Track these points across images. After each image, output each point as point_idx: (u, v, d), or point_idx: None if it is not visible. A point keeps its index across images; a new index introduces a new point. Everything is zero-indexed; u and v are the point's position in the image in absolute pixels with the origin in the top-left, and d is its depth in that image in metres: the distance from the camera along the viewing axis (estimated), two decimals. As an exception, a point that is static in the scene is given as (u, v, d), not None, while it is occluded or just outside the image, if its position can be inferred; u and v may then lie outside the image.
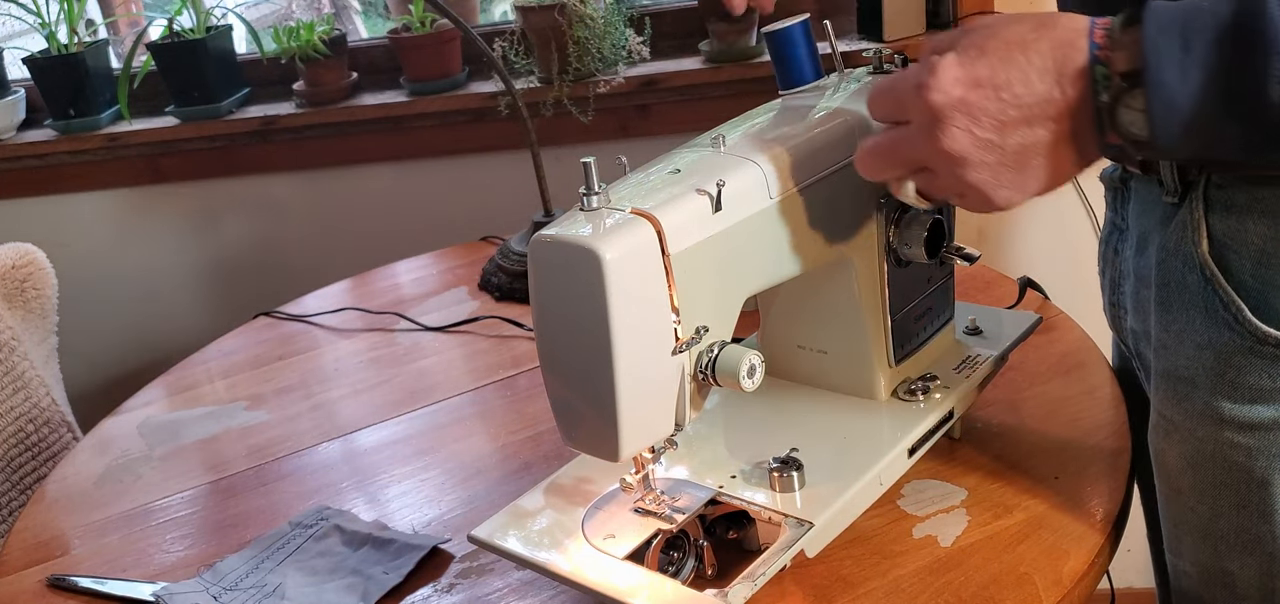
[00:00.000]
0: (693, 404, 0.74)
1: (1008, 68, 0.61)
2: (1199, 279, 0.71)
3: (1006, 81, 0.61)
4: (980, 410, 0.94)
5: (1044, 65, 0.61)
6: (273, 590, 0.86)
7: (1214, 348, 0.70)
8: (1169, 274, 0.73)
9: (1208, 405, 0.71)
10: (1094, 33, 0.61)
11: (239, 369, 1.29)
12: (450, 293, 1.41)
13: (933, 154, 0.64)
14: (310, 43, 1.72)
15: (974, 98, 0.62)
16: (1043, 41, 0.61)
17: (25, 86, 1.91)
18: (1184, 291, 0.72)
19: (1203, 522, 0.75)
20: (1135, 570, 1.86)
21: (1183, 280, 0.72)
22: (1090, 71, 0.61)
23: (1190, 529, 0.76)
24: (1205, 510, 0.74)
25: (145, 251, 1.93)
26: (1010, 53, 0.61)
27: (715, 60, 1.66)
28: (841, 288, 0.85)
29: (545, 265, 0.70)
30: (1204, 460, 0.73)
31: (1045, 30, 0.62)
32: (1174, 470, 0.76)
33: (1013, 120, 0.62)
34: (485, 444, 1.05)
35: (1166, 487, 0.78)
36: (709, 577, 0.77)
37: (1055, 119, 0.62)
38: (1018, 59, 0.61)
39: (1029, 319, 0.96)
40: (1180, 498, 0.76)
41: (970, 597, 0.75)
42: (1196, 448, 0.73)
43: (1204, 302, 0.70)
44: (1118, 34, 0.60)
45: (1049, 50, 0.61)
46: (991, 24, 0.63)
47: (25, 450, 1.36)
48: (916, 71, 0.64)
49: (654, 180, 0.74)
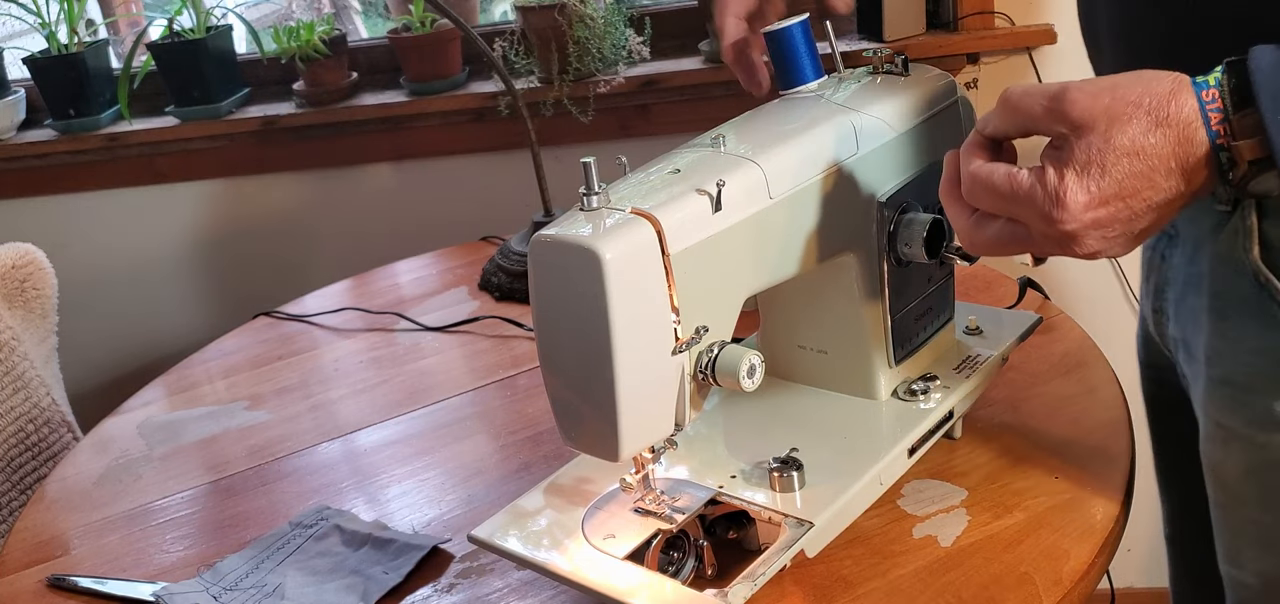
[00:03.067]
0: (693, 404, 0.74)
1: (1135, 179, 0.61)
2: (1253, 285, 0.70)
3: (1135, 191, 0.61)
4: (980, 410, 0.94)
5: (1167, 167, 0.61)
6: (273, 590, 0.86)
7: (1272, 353, 0.70)
8: (1222, 282, 0.73)
9: (1268, 411, 0.71)
10: (1209, 116, 0.60)
11: (239, 369, 1.29)
12: (450, 293, 1.41)
13: (1066, 254, 0.65)
14: (310, 43, 1.72)
15: (1105, 215, 0.62)
16: (1162, 144, 0.61)
17: (25, 86, 1.91)
18: (1238, 299, 0.72)
19: (1266, 531, 0.75)
20: (1135, 570, 1.87)
21: (1236, 287, 0.72)
22: (1214, 157, 0.61)
23: (1252, 539, 0.76)
24: (1269, 519, 0.74)
25: (145, 251, 1.93)
26: (1132, 164, 0.61)
27: (715, 60, 1.66)
28: (841, 288, 0.85)
29: (545, 265, 0.70)
30: (1266, 468, 0.73)
31: (1158, 128, 0.61)
32: (1233, 479, 0.76)
33: (1142, 214, 0.63)
34: (485, 444, 1.05)
35: (1225, 496, 0.77)
36: (709, 577, 0.77)
37: (1182, 198, 0.63)
38: (1140, 168, 0.61)
39: (1029, 319, 0.96)
40: (1241, 507, 0.76)
41: (970, 597, 0.75)
42: (1258, 455, 0.73)
43: (1259, 308, 0.70)
44: (1233, 118, 0.60)
45: (1171, 151, 0.61)
46: (1100, 127, 0.61)
47: (25, 450, 1.36)
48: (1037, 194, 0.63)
49: (654, 180, 0.74)
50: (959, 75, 1.62)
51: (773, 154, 0.76)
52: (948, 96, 0.88)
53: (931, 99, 0.86)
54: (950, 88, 0.88)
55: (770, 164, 0.76)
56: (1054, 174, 0.62)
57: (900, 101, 0.84)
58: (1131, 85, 0.61)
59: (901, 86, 0.86)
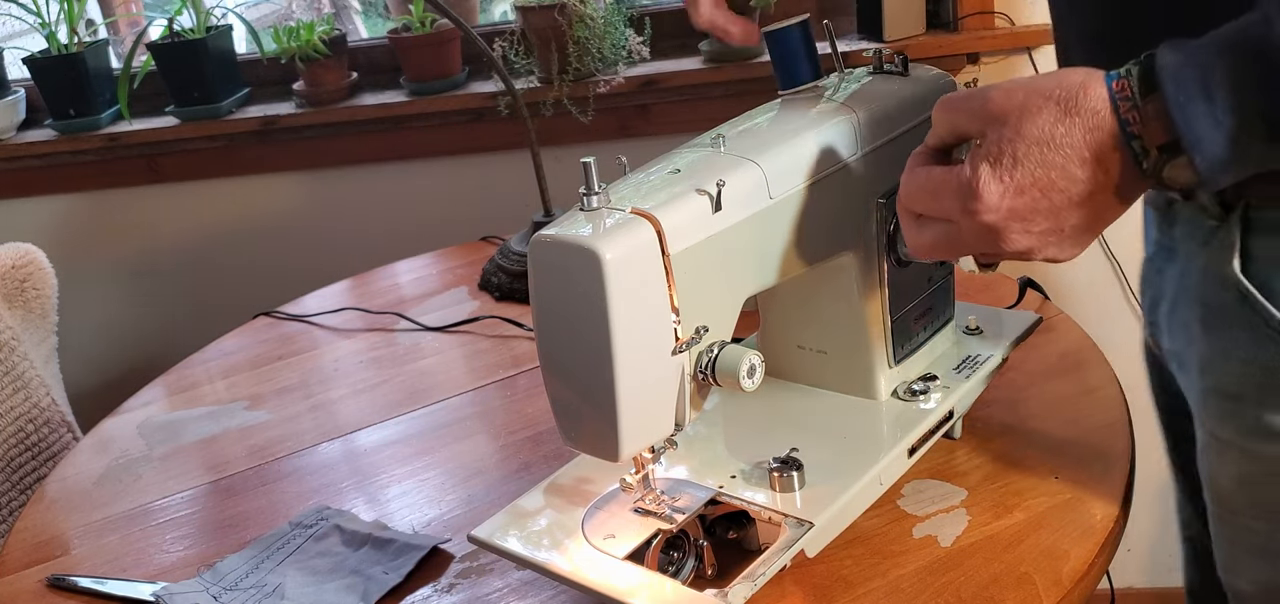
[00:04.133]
0: (693, 404, 0.74)
1: (1047, 169, 0.62)
2: (1237, 298, 0.71)
3: (1049, 182, 0.62)
4: (980, 410, 0.94)
5: (1081, 156, 0.62)
6: (273, 590, 0.86)
7: (1260, 363, 0.70)
8: (1210, 294, 0.73)
9: (1258, 421, 0.71)
10: (1118, 105, 0.61)
11: (239, 369, 1.29)
12: (450, 293, 1.41)
13: (997, 251, 0.66)
14: (310, 43, 1.72)
15: (1022, 205, 0.63)
16: (1072, 132, 0.62)
17: (25, 86, 1.91)
18: (1226, 310, 0.72)
19: (1261, 540, 0.75)
20: (1135, 570, 1.87)
21: (1223, 299, 0.72)
22: (1126, 146, 0.61)
23: (1248, 548, 0.76)
24: (1263, 528, 0.74)
25: (145, 251, 1.93)
26: (1043, 154, 0.62)
27: (715, 60, 1.66)
28: (841, 288, 0.85)
29: (545, 265, 0.70)
30: (1259, 478, 0.73)
31: (1068, 117, 0.62)
32: (1228, 490, 0.76)
33: (1065, 208, 0.63)
34: (485, 444, 1.05)
35: (1221, 507, 0.77)
36: (709, 577, 0.77)
37: (1103, 191, 0.63)
38: (1052, 158, 0.62)
39: (1029, 319, 0.96)
40: (1236, 517, 0.76)
41: (970, 597, 0.75)
42: (1250, 465, 0.73)
43: (1246, 319, 0.70)
44: (1141, 104, 0.60)
45: (1081, 139, 0.62)
46: (1011, 120, 0.63)
47: (25, 450, 1.36)
48: (956, 187, 0.65)
49: (654, 180, 0.74)
50: (959, 75, 1.63)
51: (773, 154, 0.76)
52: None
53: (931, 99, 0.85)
54: (950, 88, 0.88)
55: (770, 164, 0.76)
56: (969, 167, 0.64)
57: (900, 101, 0.84)
58: (1046, 80, 0.63)
59: (901, 86, 0.86)
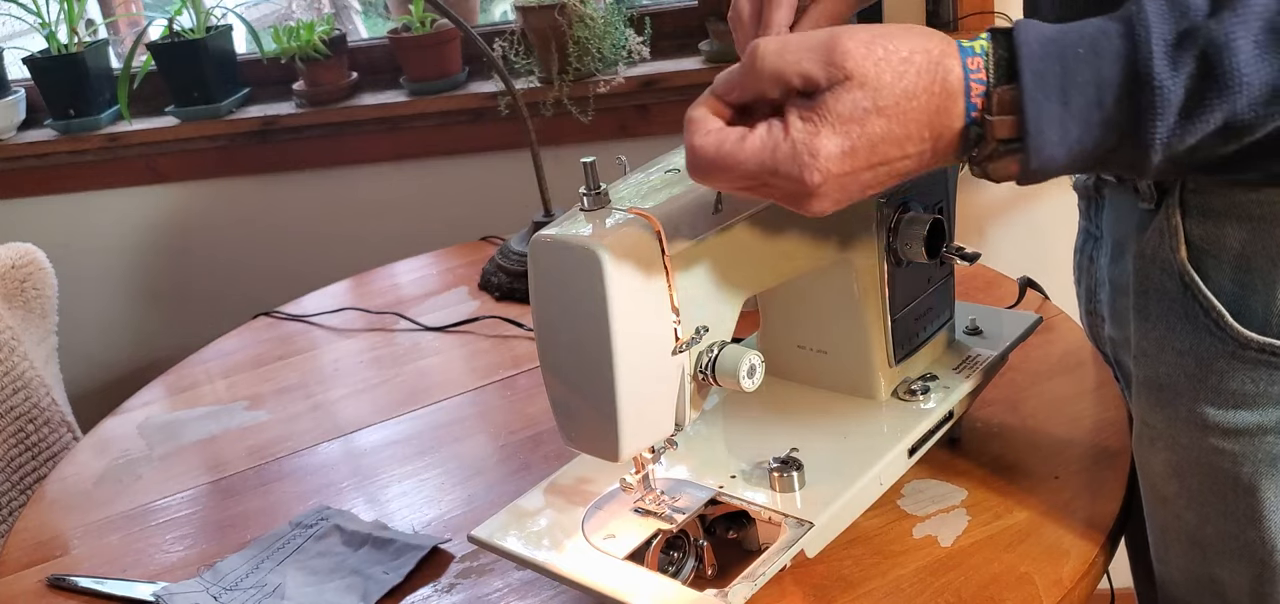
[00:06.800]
0: (693, 404, 0.74)
1: (886, 142, 0.58)
2: (1178, 285, 0.70)
3: (885, 155, 0.59)
4: (980, 410, 0.94)
5: (921, 135, 0.59)
6: (273, 590, 0.86)
7: (1195, 354, 0.69)
8: (1147, 281, 0.72)
9: (1191, 412, 0.71)
10: (971, 86, 0.58)
11: (239, 369, 1.29)
12: (450, 293, 1.41)
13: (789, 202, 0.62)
14: (310, 43, 1.72)
15: (849, 168, 0.59)
16: (921, 111, 0.58)
17: (25, 86, 1.91)
18: (1163, 299, 0.71)
19: (1190, 529, 0.74)
20: (1135, 570, 1.86)
21: (1161, 287, 0.71)
22: (966, 132, 0.59)
23: (1177, 537, 0.76)
24: (1192, 518, 0.74)
25: (145, 251, 1.93)
26: (888, 126, 0.58)
27: (715, 60, 1.66)
28: (841, 288, 0.85)
29: (545, 265, 0.70)
30: (1189, 468, 0.72)
31: (923, 93, 0.58)
32: (1159, 478, 0.75)
33: (885, 179, 0.60)
34: (485, 444, 1.05)
35: (1152, 495, 0.77)
36: (709, 577, 0.77)
37: (922, 165, 0.60)
38: (894, 131, 0.58)
39: (1029, 319, 0.96)
40: (1166, 506, 0.76)
41: (970, 597, 0.75)
42: (1181, 456, 0.73)
43: (1184, 308, 0.70)
44: (995, 91, 0.57)
45: (927, 120, 0.58)
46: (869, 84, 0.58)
47: (25, 450, 1.36)
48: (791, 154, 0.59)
49: (654, 180, 0.74)
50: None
51: (773, 154, 0.76)
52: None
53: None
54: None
55: (770, 164, 0.76)
56: (809, 127, 0.58)
57: (900, 101, 0.84)
58: (904, 40, 0.58)
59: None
